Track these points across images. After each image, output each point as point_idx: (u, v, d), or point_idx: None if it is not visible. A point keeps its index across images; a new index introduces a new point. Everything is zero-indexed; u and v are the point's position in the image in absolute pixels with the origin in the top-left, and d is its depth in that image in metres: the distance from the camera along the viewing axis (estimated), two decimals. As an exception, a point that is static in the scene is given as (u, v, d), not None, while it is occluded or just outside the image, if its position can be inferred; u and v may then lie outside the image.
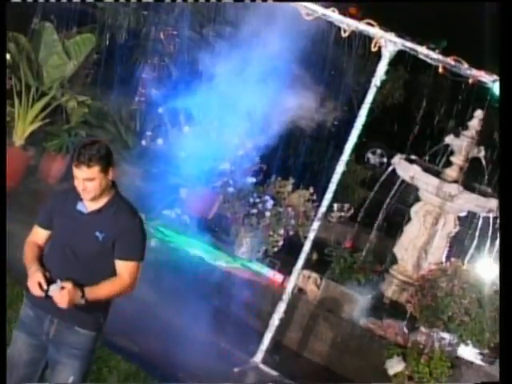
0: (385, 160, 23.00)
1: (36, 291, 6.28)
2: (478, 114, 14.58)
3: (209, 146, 15.04)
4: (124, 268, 6.48)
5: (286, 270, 12.68)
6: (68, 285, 6.19)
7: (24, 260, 6.66)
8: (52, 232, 6.71)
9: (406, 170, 14.53)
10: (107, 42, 17.86)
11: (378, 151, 24.38)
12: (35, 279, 6.30)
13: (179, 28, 20.15)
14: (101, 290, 6.41)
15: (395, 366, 11.60)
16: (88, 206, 6.51)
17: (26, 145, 14.68)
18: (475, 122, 14.67)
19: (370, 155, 24.42)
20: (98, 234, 6.42)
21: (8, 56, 15.77)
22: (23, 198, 13.93)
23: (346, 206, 15.78)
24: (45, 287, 6.24)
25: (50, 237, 6.74)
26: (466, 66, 10.60)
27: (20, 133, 14.60)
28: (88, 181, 6.33)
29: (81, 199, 6.53)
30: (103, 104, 16.30)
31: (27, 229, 11.88)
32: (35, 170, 14.82)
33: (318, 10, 10.82)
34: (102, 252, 6.47)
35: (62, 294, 6.17)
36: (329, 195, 11.33)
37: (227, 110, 15.45)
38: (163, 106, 15.93)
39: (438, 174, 14.55)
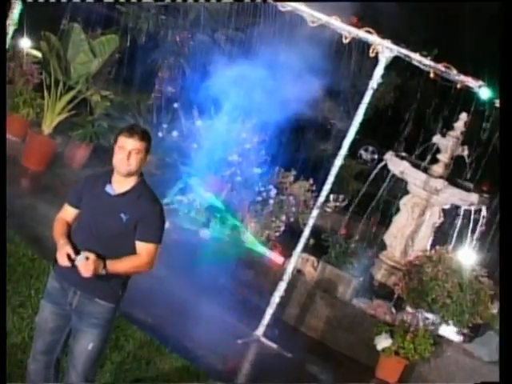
0: (376, 156, 23.00)
1: (64, 262, 6.28)
2: (463, 116, 14.63)
3: (219, 139, 15.02)
4: (144, 249, 6.48)
5: (287, 253, 12.69)
6: (92, 256, 6.20)
7: (54, 234, 6.59)
8: (80, 211, 6.68)
9: (397, 165, 14.55)
10: (128, 43, 17.86)
11: (370, 148, 24.42)
12: (64, 251, 6.30)
13: (193, 32, 20.20)
14: (121, 265, 6.43)
15: (383, 342, 11.57)
16: (115, 188, 6.50)
17: (53, 133, 14.69)
18: (460, 124, 14.73)
19: (362, 152, 24.45)
20: (122, 215, 6.41)
21: (39, 53, 15.84)
22: (50, 180, 13.94)
23: (341, 196, 15.77)
24: (73, 257, 6.25)
25: (78, 215, 6.70)
26: (455, 72, 10.56)
27: (48, 123, 14.61)
28: (135, 152, 6.34)
29: (109, 181, 6.52)
30: (124, 99, 16.36)
31: (52, 208, 11.93)
32: (61, 157, 14.82)
33: (322, 17, 10.79)
34: (125, 232, 6.45)
35: (86, 264, 6.18)
36: (327, 186, 11.30)
37: (236, 107, 15.43)
38: (178, 102, 15.91)
39: (425, 170, 14.59)
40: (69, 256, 6.27)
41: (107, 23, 18.00)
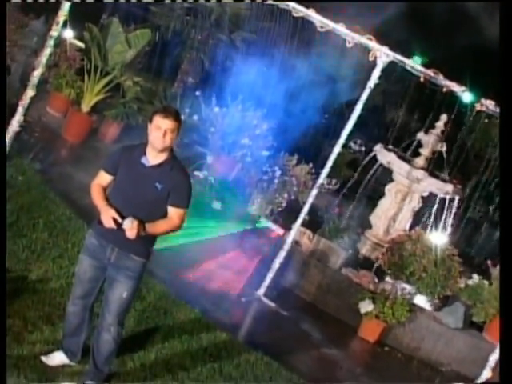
0: (363, 149, 22.94)
1: (110, 224, 6.33)
2: (444, 117, 14.71)
3: (233, 124, 15.03)
4: (175, 213, 6.55)
5: (287, 226, 12.69)
6: (136, 221, 6.26)
7: (93, 198, 6.63)
8: (116, 178, 6.70)
9: (385, 156, 14.58)
10: (157, 39, 17.80)
11: (358, 141, 24.38)
12: (109, 214, 6.36)
13: (213, 32, 20.20)
14: (157, 227, 6.50)
15: (366, 307, 11.61)
16: (150, 160, 6.53)
17: (90, 112, 14.70)
18: (441, 124, 14.77)
19: (352, 144, 24.42)
20: (157, 184, 6.47)
21: (80, 43, 15.83)
22: (85, 152, 13.94)
23: (334, 181, 15.75)
24: (119, 221, 6.29)
25: (113, 181, 6.73)
26: (441, 77, 10.54)
27: (87, 102, 14.61)
28: (170, 131, 6.37)
29: (144, 154, 6.55)
30: (152, 85, 16.34)
31: (86, 175, 11.96)
32: (96, 132, 14.83)
33: (330, 24, 10.76)
34: (159, 199, 6.51)
35: (132, 227, 6.23)
36: (326, 170, 11.31)
37: (249, 98, 15.44)
38: (199, 91, 15.90)
39: (409, 162, 14.62)
40: (115, 220, 6.32)
41: (140, 20, 18.02)
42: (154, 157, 6.52)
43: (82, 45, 16.02)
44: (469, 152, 19.43)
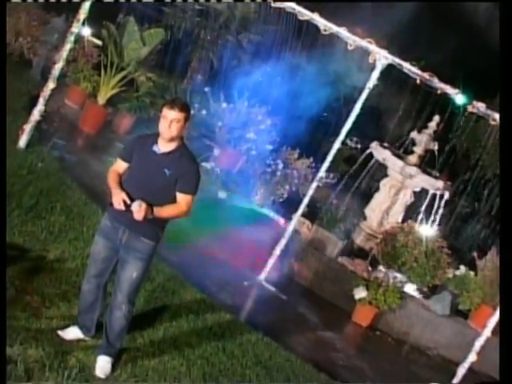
0: (359, 146, 22.90)
1: (120, 206, 6.37)
2: (436, 118, 14.70)
3: (239, 119, 15.05)
4: (183, 199, 6.56)
5: (287, 216, 12.71)
6: (144, 203, 6.28)
7: (108, 183, 6.66)
8: (131, 165, 6.75)
9: (380, 153, 14.58)
10: (169, 38, 17.79)
11: (354, 139, 24.33)
12: (120, 197, 6.40)
13: (222, 33, 20.18)
14: (165, 211, 6.51)
15: (360, 293, 11.63)
16: (161, 148, 6.58)
17: (106, 104, 14.67)
18: (433, 124, 14.75)
19: (348, 141, 24.37)
20: (166, 170, 6.50)
21: (97, 40, 15.82)
22: (100, 141, 13.95)
23: (331, 175, 15.72)
24: (128, 203, 6.33)
25: (128, 168, 6.77)
26: (436, 80, 10.53)
27: (103, 95, 14.60)
28: (176, 122, 6.41)
29: (156, 142, 6.60)
30: (164, 81, 16.31)
31: (101, 163, 12.01)
32: (110, 123, 14.80)
33: (333, 27, 10.75)
34: (167, 184, 6.52)
35: (139, 210, 6.26)
36: (326, 164, 11.31)
37: (255, 95, 15.45)
38: (208, 87, 15.90)
39: (402, 159, 14.59)
40: (124, 202, 6.35)
41: (154, 20, 18.00)
42: (164, 145, 6.57)
43: (99, 42, 16.00)
44: (457, 151, 19.46)
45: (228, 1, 17.53)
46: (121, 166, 6.82)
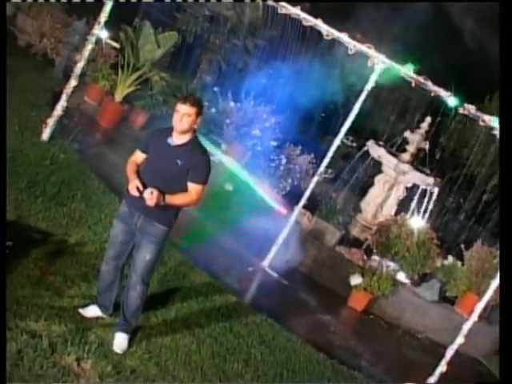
0: (354, 144, 22.86)
1: (134, 192, 6.43)
2: (428, 119, 14.76)
3: (246, 117, 15.02)
4: (193, 188, 6.58)
5: (289, 207, 12.69)
6: (155, 190, 6.33)
7: (126, 171, 6.71)
8: (148, 156, 6.79)
9: (376, 150, 14.61)
10: (180, 41, 17.74)
11: (350, 138, 24.30)
12: (135, 184, 6.48)
13: (229, 37, 20.17)
14: (176, 199, 6.54)
15: (356, 280, 11.64)
16: (174, 140, 6.63)
17: (122, 101, 14.65)
18: (425, 124, 14.76)
19: (344, 139, 24.35)
20: (178, 161, 6.53)
21: (113, 42, 15.80)
22: (117, 136, 13.94)
23: (330, 170, 15.70)
24: (141, 189, 6.39)
25: (146, 159, 6.80)
26: (430, 83, 10.50)
27: (120, 93, 14.58)
28: (187, 115, 6.45)
29: (170, 135, 6.64)
30: (176, 80, 16.26)
31: (117, 156, 12.01)
32: (126, 119, 14.78)
33: (335, 32, 10.72)
34: (179, 174, 6.55)
35: (151, 196, 6.32)
36: (327, 159, 11.29)
37: (260, 95, 15.44)
38: (217, 87, 15.88)
39: (396, 156, 14.60)
40: (138, 188, 6.42)
41: (166, 25, 17.95)
42: (177, 138, 6.61)
43: (116, 44, 15.99)
44: (446, 150, 19.47)
45: (230, 0, 17.47)
46: (139, 156, 6.86)
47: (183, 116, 6.45)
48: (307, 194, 11.45)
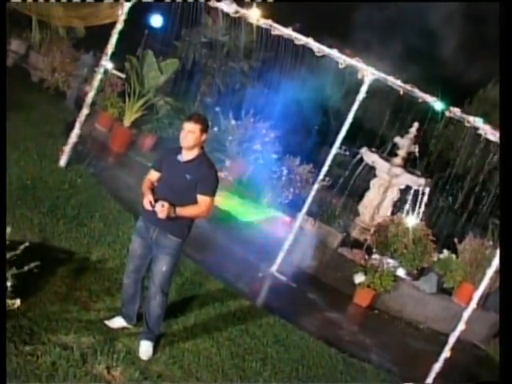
0: (347, 153, 22.86)
1: (147, 206, 6.48)
2: (416, 124, 14.70)
3: (247, 134, 15.04)
4: (202, 200, 6.59)
5: (293, 215, 12.67)
6: (166, 203, 6.36)
7: (142, 189, 6.73)
8: (161, 173, 6.80)
9: (369, 157, 14.58)
10: (180, 67, 17.77)
11: (343, 147, 24.27)
12: (148, 199, 6.52)
13: (225, 61, 20.24)
14: (186, 211, 6.54)
15: (359, 278, 11.59)
16: (183, 157, 6.66)
17: (131, 126, 14.66)
18: (413, 129, 14.73)
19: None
20: (187, 175, 6.56)
21: (119, 72, 15.84)
22: (127, 159, 13.94)
23: (327, 178, 15.68)
24: (153, 204, 6.43)
25: (160, 176, 6.80)
26: (417, 90, 10.47)
27: (128, 118, 14.59)
28: (191, 133, 6.50)
29: (180, 153, 6.68)
30: (179, 104, 16.27)
31: (129, 177, 12.00)
32: (135, 143, 14.79)
33: (325, 49, 10.70)
34: (188, 188, 6.56)
35: (162, 209, 6.35)
36: (325, 168, 11.26)
37: (258, 112, 15.46)
38: (218, 107, 15.88)
39: (388, 161, 14.57)
40: (151, 202, 6.45)
41: (167, 53, 17.98)
42: (186, 154, 6.64)
43: (121, 74, 16.01)
44: (434, 152, 19.47)
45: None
46: (153, 175, 6.88)
47: (188, 133, 6.51)
48: (309, 201, 11.40)
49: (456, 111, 10.12)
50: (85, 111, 11.37)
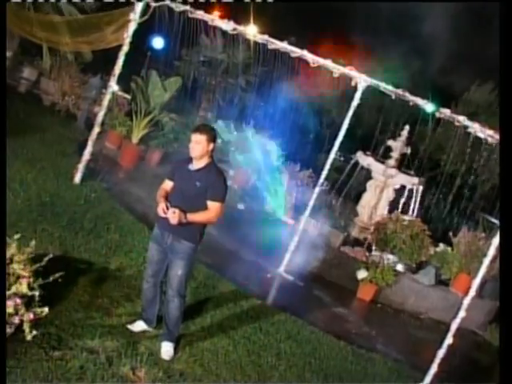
0: (342, 158, 22.82)
1: (161, 213, 6.48)
2: (407, 127, 14.71)
3: (249, 144, 15.02)
4: (212, 205, 6.59)
5: (296, 217, 12.65)
6: (177, 210, 6.38)
7: (157, 197, 6.71)
8: (174, 182, 6.80)
9: (365, 160, 14.62)
10: (182, 85, 17.80)
11: (338, 152, 24.23)
12: (162, 206, 6.51)
13: (224, 77, 20.25)
14: (196, 216, 6.54)
15: (362, 274, 11.58)
16: (194, 166, 6.68)
17: (138, 143, 14.62)
18: (405, 132, 14.75)
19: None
20: (197, 183, 6.57)
21: (124, 93, 15.84)
22: (137, 173, 13.90)
23: (325, 182, 15.66)
24: (166, 210, 6.43)
25: (173, 186, 6.80)
26: (408, 93, 10.45)
27: (136, 135, 14.55)
28: (197, 143, 6.55)
29: (191, 162, 6.70)
30: (183, 119, 16.27)
31: (140, 190, 11.99)
32: (144, 158, 14.76)
33: (320, 60, 10.69)
34: (199, 194, 6.57)
35: (173, 215, 6.37)
36: (325, 172, 11.23)
37: (259, 123, 15.47)
38: (219, 120, 15.89)
39: (383, 163, 14.57)
40: (163, 209, 6.44)
41: (168, 73, 18.01)
42: (196, 163, 6.66)
43: (126, 95, 16.03)
44: (426, 152, 19.43)
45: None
46: (167, 184, 6.89)
47: (195, 144, 6.55)
48: (311, 204, 11.37)
49: (446, 112, 10.10)
50: (96, 129, 11.37)
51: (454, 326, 8.97)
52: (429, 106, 10.14)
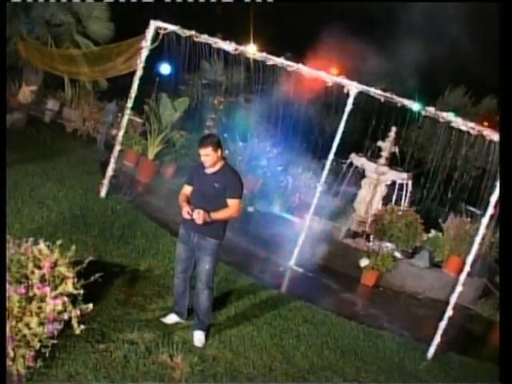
0: (343, 161, 22.63)
1: (186, 215, 6.49)
2: (394, 128, 14.64)
3: (253, 152, 14.99)
4: (231, 203, 6.59)
5: (301, 216, 12.59)
6: (201, 211, 6.38)
7: (179, 202, 6.71)
8: (193, 187, 6.76)
9: (358, 160, 14.57)
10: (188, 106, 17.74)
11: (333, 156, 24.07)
12: (186, 209, 6.51)
13: (224, 97, 20.21)
14: (219, 214, 6.53)
15: (364, 262, 11.51)
16: (210, 170, 6.66)
17: (154, 159, 14.57)
18: (392, 133, 14.68)
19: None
20: (215, 184, 6.57)
21: (136, 117, 15.79)
22: (154, 187, 13.85)
23: (325, 183, 15.58)
24: (191, 213, 6.42)
25: (193, 190, 6.77)
26: (395, 96, 10.41)
27: (151, 152, 14.52)
28: (206, 156, 6.53)
29: (207, 167, 6.64)
30: (191, 136, 16.23)
31: (158, 201, 11.93)
32: (159, 172, 14.70)
33: (315, 72, 10.68)
34: (218, 194, 6.56)
35: (198, 216, 6.36)
36: (325, 173, 11.19)
37: (261, 134, 15.43)
38: (227, 133, 15.80)
39: (375, 162, 14.52)
40: (188, 212, 6.42)
41: (174, 94, 17.95)
42: (212, 168, 6.65)
43: (138, 119, 16.02)
44: (415, 148, 19.41)
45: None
46: (187, 189, 6.86)
47: (204, 156, 6.54)
48: (314, 202, 11.30)
49: (431, 110, 10.07)
50: (117, 148, 11.34)
51: (452, 300, 8.93)
52: (415, 105, 10.11)
